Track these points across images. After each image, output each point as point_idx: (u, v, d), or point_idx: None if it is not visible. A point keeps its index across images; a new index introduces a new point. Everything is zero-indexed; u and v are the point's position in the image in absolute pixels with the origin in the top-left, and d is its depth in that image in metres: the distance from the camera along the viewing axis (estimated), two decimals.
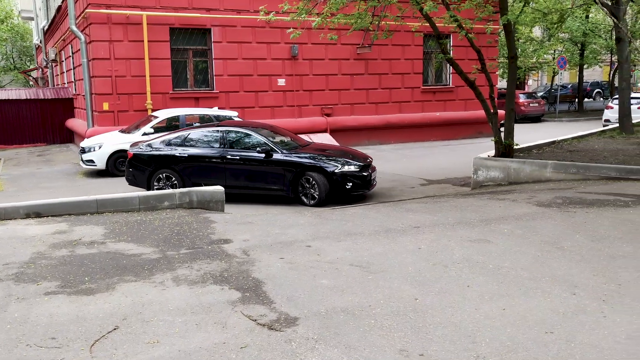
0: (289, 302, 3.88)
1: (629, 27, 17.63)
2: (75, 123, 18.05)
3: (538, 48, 28.67)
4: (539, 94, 32.48)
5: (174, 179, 10.04)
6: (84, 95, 15.79)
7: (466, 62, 15.92)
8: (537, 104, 26.96)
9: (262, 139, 9.84)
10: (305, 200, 9.33)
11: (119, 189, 10.60)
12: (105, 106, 14.98)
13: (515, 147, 11.97)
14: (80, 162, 13.03)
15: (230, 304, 3.86)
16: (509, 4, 16.28)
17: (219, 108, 15.37)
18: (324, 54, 17.51)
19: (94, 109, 15.30)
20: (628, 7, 17.04)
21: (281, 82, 17.17)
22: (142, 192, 7.64)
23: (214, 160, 9.87)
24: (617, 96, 17.63)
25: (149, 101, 15.20)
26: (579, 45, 29.14)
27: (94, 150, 12.98)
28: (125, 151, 13.18)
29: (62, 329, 3.52)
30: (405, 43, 18.08)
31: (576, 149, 12.82)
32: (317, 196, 9.19)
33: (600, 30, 27.01)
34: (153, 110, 14.89)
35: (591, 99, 38.61)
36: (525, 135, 16.41)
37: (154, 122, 13.72)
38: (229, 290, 4.15)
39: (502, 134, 11.74)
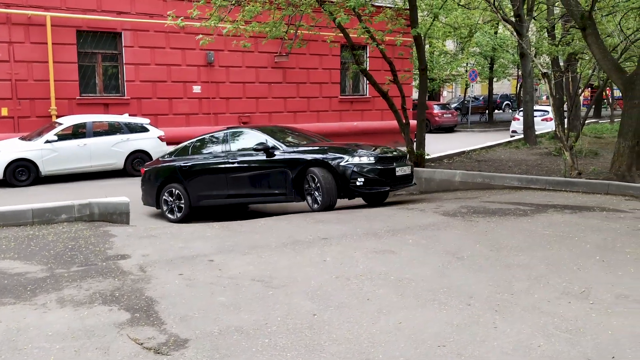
0: (181, 322, 3.68)
1: (533, 43, 18.60)
2: None
3: (451, 61, 29.77)
4: (453, 105, 33.73)
5: (180, 193, 9.12)
6: None
7: (382, 73, 16.20)
8: (450, 115, 27.95)
9: (262, 137, 8.66)
10: (309, 203, 8.07)
11: (16, 200, 9.91)
12: (4, 111, 14.03)
13: (426, 157, 12.29)
14: None
15: (116, 326, 3.61)
16: (420, 17, 16.78)
17: (130, 115, 14.79)
18: (241, 61, 17.30)
19: None
20: (532, 24, 17.99)
21: (196, 89, 16.80)
22: (36, 205, 7.13)
23: (216, 167, 8.88)
24: (522, 108, 18.54)
25: (54, 107, 14.40)
26: (488, 59, 30.53)
27: None
28: (25, 160, 12.41)
29: None
30: (322, 53, 18.19)
31: (484, 159, 13.34)
32: (319, 199, 7.86)
33: (508, 46, 28.43)
34: (58, 117, 14.10)
35: (501, 111, 40.55)
36: (438, 145, 16.93)
37: (58, 129, 13.02)
38: (117, 311, 3.89)
39: (415, 144, 12.01)
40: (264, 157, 8.40)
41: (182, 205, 9.11)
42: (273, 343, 3.35)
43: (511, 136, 20.74)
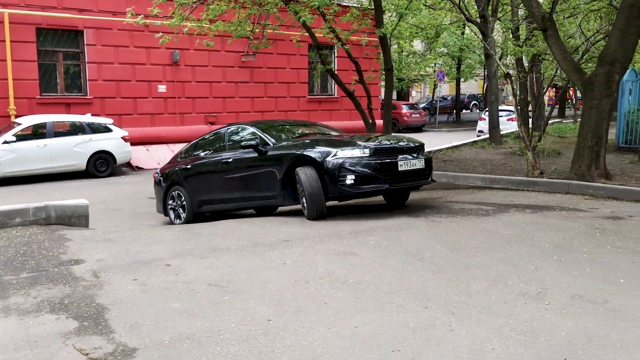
0: (131, 330, 3.56)
1: (498, 44, 18.83)
2: None
3: (420, 61, 30.01)
4: (421, 105, 34.01)
5: (183, 197, 8.54)
6: None
7: (350, 73, 16.20)
8: (418, 115, 28.17)
9: (254, 131, 7.88)
10: (302, 207, 7.08)
11: None
12: None
13: None
14: None
15: (62, 336, 3.47)
16: (386, 18, 16.83)
17: (92, 115, 14.49)
18: (207, 60, 17.12)
19: None
20: (497, 25, 18.22)
21: (162, 88, 16.57)
22: None
23: (212, 168, 8.19)
24: (488, 109, 18.77)
25: (12, 106, 14.03)
26: (456, 59, 30.86)
27: None
28: None
29: None
30: (290, 52, 18.13)
31: (450, 158, 13.43)
32: (305, 204, 6.91)
33: (475, 47, 28.77)
34: (17, 117, 13.73)
35: (468, 111, 41.07)
36: None
37: (17, 129, 12.68)
38: (65, 319, 3.75)
39: None
40: (255, 155, 7.56)
41: (185, 211, 8.58)
42: (224, 351, 3.26)
43: (477, 136, 20.99)
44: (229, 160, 7.92)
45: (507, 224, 6.43)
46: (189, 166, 8.56)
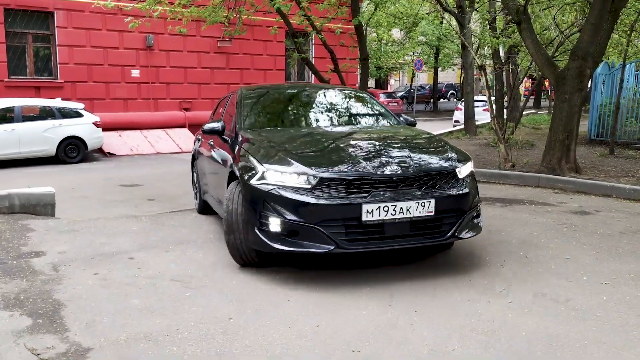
0: (86, 329, 3.47)
1: (476, 34, 18.85)
2: None
3: (398, 49, 29.96)
4: (399, 94, 34.04)
5: (196, 181, 7.32)
6: None
7: (327, 61, 16.06)
8: (395, 104, 28.22)
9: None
10: None
11: None
12: None
13: None
14: None
15: (14, 334, 3.37)
16: (364, 5, 16.72)
17: (62, 99, 14.16)
18: (182, 45, 16.84)
19: None
20: (474, 15, 18.23)
21: (135, 73, 16.26)
22: None
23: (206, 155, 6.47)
24: (464, 99, 18.82)
25: None
26: (434, 48, 30.87)
27: None
28: None
29: None
30: (267, 39, 17.92)
31: None
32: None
33: (453, 36, 28.80)
34: None
35: (446, 100, 41.23)
36: None
37: None
38: (19, 316, 3.64)
39: None
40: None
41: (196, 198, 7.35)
42: (182, 351, 3.19)
43: (454, 126, 21.09)
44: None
45: None
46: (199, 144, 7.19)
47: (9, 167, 12.52)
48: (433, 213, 4.25)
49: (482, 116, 21.05)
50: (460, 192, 4.46)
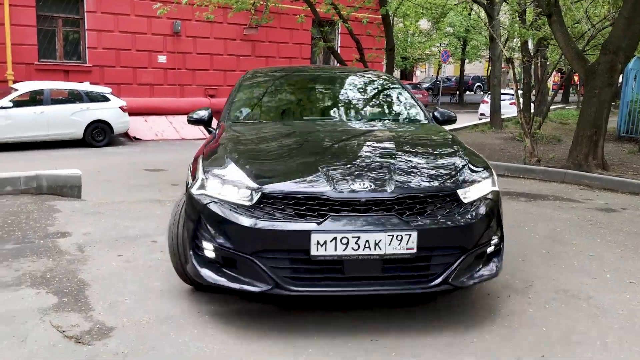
0: (110, 309, 3.54)
1: (504, 26, 18.56)
2: None
3: (425, 40, 29.66)
4: (424, 86, 33.75)
5: None
6: None
7: (352, 51, 16.00)
8: (420, 95, 28.00)
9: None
10: None
11: None
12: None
13: None
14: None
15: (40, 312, 3.46)
16: None
17: (90, 83, 14.35)
18: (209, 32, 16.92)
19: None
20: (503, 6, 17.94)
21: (162, 59, 16.41)
22: None
23: None
24: (490, 92, 18.59)
25: (10, 72, 13.90)
26: (461, 40, 30.50)
27: None
28: None
29: None
30: (293, 27, 17.90)
31: None
32: None
33: (481, 28, 28.41)
34: (15, 82, 13.60)
35: (472, 92, 40.76)
36: None
37: (14, 95, 12.58)
38: (45, 295, 3.73)
39: None
40: None
41: None
42: (202, 333, 3.24)
43: (479, 119, 20.86)
44: None
45: None
46: None
47: (38, 148, 12.76)
48: (414, 250, 3.15)
49: (508, 110, 20.75)
50: (461, 223, 3.27)
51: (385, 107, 5.18)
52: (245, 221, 3.17)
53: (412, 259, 3.21)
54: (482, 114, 21.87)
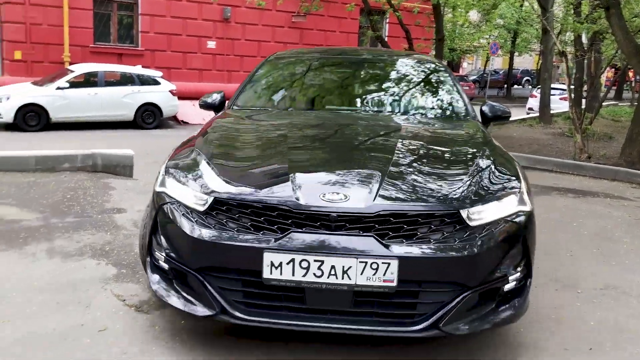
0: None
1: (558, 19, 18.10)
2: None
3: (474, 32, 29.15)
4: (471, 78, 33.22)
5: None
6: None
7: (400, 41, 15.92)
8: (467, 88, 27.60)
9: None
10: None
11: (24, 145, 9.97)
12: (18, 55, 14.05)
13: None
14: None
15: (102, 281, 3.64)
16: None
17: (142, 67, 14.71)
18: (257, 19, 17.09)
19: (4, 57, 14.28)
20: None
21: (211, 44, 16.66)
22: (39, 152, 7.18)
23: None
24: (540, 86, 18.19)
25: (67, 53, 14.38)
26: (511, 32, 29.86)
27: (1, 102, 12.14)
28: (36, 105, 12.40)
29: None
30: (341, 15, 17.91)
31: (495, 135, 13.07)
32: None
33: (533, 20, 27.74)
34: (71, 64, 14.07)
35: (520, 86, 39.91)
36: None
37: (70, 76, 13.00)
38: (105, 265, 3.92)
39: None
40: None
41: None
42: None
43: (527, 113, 20.45)
44: None
45: (547, 208, 6.31)
46: None
47: (90, 128, 13.20)
48: (394, 283, 2.49)
49: (558, 105, 20.29)
50: (462, 253, 2.56)
51: (418, 97, 4.33)
52: (193, 230, 2.65)
53: (391, 294, 2.54)
54: (530, 109, 21.42)
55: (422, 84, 4.52)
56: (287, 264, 2.48)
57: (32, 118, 12.38)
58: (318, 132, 3.58)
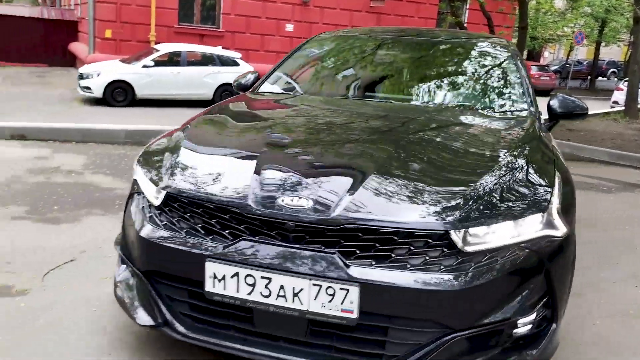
0: None
1: None
2: (78, 47, 17.86)
3: (558, 20, 27.99)
4: (552, 68, 31.95)
5: None
6: (87, 19, 15.55)
7: (480, 28, 15.58)
8: (548, 78, 26.64)
9: None
10: None
11: (112, 119, 10.57)
12: (108, 33, 14.79)
13: None
14: (78, 88, 12.94)
15: None
16: None
17: (222, 48, 15.14)
18: (336, 2, 17.16)
19: (95, 35, 15.09)
20: None
21: (289, 27, 16.89)
22: (129, 126, 7.66)
23: None
24: (627, 78, 17.30)
25: (153, 33, 15.01)
26: (599, 21, 28.45)
27: (92, 78, 12.87)
28: (124, 82, 13.07)
29: (19, 254, 3.58)
30: (420, 1, 17.69)
31: (576, 128, 12.72)
32: None
33: (624, 9, 26.30)
34: (156, 43, 14.70)
35: (605, 78, 38.02)
36: None
37: (155, 55, 13.57)
38: None
39: None
40: None
41: None
42: None
43: (611, 107, 19.55)
44: None
45: (629, 205, 6.12)
46: None
47: (172, 106, 13.79)
48: (354, 314, 2.02)
49: None
50: (443, 287, 2.00)
51: (469, 87, 3.64)
52: (142, 227, 2.33)
53: (351, 327, 2.06)
54: (615, 102, 20.45)
55: (488, 73, 3.75)
56: (231, 277, 2.08)
57: (120, 94, 13.05)
58: (317, 123, 2.99)
